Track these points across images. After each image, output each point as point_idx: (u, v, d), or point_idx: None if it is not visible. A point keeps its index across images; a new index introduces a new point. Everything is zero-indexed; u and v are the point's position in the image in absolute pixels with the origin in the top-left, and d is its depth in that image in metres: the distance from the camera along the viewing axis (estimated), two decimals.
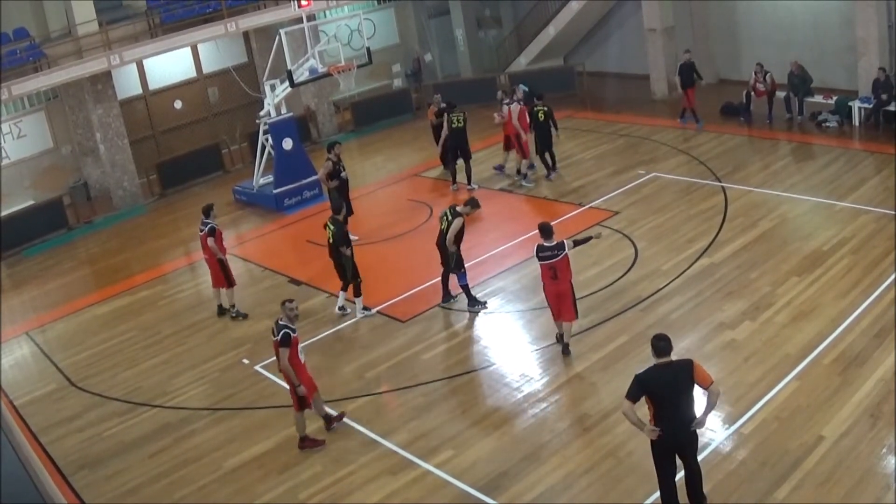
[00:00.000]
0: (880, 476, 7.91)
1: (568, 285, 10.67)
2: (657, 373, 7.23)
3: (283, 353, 9.30)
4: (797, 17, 20.33)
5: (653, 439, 7.34)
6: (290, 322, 9.45)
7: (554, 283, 10.63)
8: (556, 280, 10.59)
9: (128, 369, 12.51)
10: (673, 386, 7.21)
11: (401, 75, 27.08)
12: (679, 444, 7.36)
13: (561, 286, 10.62)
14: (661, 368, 7.23)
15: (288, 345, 9.29)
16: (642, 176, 16.67)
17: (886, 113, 17.18)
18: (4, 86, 17.53)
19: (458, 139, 17.54)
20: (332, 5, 22.81)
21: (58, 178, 20.73)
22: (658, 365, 7.24)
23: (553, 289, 10.69)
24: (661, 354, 7.24)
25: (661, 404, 7.24)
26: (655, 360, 7.27)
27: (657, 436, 7.25)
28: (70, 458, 10.38)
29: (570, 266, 10.64)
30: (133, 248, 17.79)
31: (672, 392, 7.21)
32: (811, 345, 10.17)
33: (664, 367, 7.23)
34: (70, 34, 19.62)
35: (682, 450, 7.41)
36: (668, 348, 7.25)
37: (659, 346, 7.25)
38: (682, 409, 7.25)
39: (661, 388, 7.22)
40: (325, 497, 8.98)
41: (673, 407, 7.23)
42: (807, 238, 13.06)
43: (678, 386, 7.21)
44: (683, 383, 7.21)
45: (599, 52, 25.42)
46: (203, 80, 23.09)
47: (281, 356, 9.33)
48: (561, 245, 10.54)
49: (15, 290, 16.53)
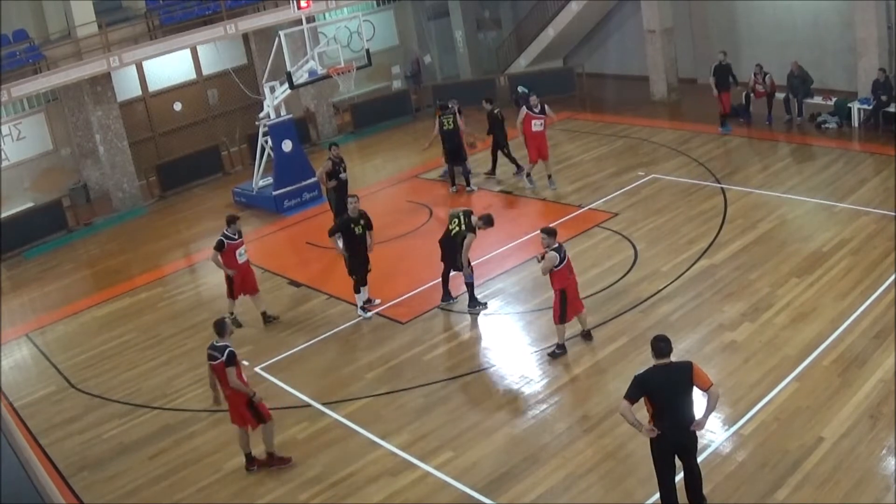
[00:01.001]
0: (880, 477, 7.91)
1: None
2: (657, 374, 7.23)
3: (231, 372, 9.12)
4: (797, 17, 20.34)
5: (652, 440, 7.35)
6: (226, 341, 9.25)
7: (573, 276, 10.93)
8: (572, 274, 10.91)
9: (128, 371, 12.51)
10: (672, 387, 7.22)
11: (400, 77, 27.09)
12: (678, 445, 7.37)
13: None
14: (661, 369, 7.23)
15: (234, 363, 9.12)
16: (642, 177, 16.68)
17: (886, 114, 17.18)
18: (4, 87, 17.52)
19: (450, 141, 17.38)
20: (332, 7, 22.82)
21: (57, 180, 20.73)
22: (658, 366, 7.25)
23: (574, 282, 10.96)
24: (661, 356, 7.25)
25: (660, 405, 7.25)
26: (655, 361, 7.28)
27: (655, 435, 7.25)
28: (70, 460, 10.38)
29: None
30: (133, 249, 17.78)
31: (671, 393, 7.22)
32: (811, 346, 10.17)
33: (664, 368, 7.24)
34: (69, 36, 19.61)
35: (681, 451, 7.42)
36: (667, 349, 7.26)
37: (659, 347, 7.26)
38: (681, 411, 7.26)
39: (661, 389, 7.22)
40: (325, 498, 8.98)
41: (672, 408, 7.24)
42: (806, 239, 13.06)
43: (677, 387, 7.22)
44: (682, 385, 7.22)
45: (599, 53, 25.44)
46: (202, 81, 23.10)
47: (229, 375, 9.12)
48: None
49: (15, 291, 16.52)
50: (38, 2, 20.16)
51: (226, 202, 19.68)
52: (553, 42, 24.36)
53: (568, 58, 25.97)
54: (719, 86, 18.56)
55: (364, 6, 25.12)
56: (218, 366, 9.20)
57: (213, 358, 9.23)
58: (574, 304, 10.88)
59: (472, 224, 12.24)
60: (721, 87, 18.56)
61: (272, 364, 11.92)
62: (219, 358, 9.16)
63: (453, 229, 12.32)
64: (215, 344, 9.26)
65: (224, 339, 9.27)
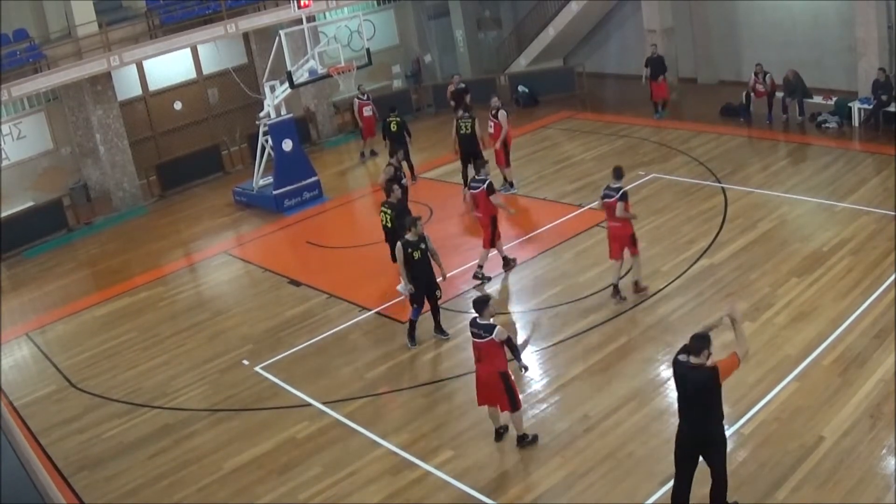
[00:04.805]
0: (880, 477, 7.91)
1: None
2: (680, 367, 7.31)
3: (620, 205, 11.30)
4: (797, 17, 20.34)
5: (676, 437, 7.47)
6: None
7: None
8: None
9: (128, 370, 12.51)
10: (690, 387, 7.25)
11: (401, 76, 27.08)
12: (695, 444, 7.42)
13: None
14: (684, 365, 7.28)
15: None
16: (642, 177, 16.67)
17: (886, 114, 17.17)
18: (4, 87, 17.52)
19: (468, 145, 16.98)
20: (332, 6, 22.81)
21: (58, 180, 20.73)
22: (689, 362, 7.25)
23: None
24: (685, 351, 7.29)
25: (682, 398, 7.36)
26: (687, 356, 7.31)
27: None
28: (70, 460, 10.38)
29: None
30: (133, 249, 17.78)
31: (688, 393, 7.28)
32: (811, 346, 10.17)
33: (686, 365, 7.27)
34: (70, 35, 19.61)
35: (701, 451, 7.44)
36: (695, 347, 7.21)
37: (689, 344, 7.29)
38: (695, 412, 7.29)
39: (681, 382, 7.33)
40: (325, 498, 8.98)
41: (689, 407, 7.32)
42: (807, 239, 13.06)
43: (698, 390, 7.21)
44: (699, 390, 7.19)
45: (599, 52, 25.43)
46: (203, 81, 23.09)
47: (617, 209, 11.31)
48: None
49: (15, 291, 16.52)
50: (38, 1, 20.14)
51: (226, 201, 19.68)
52: (553, 42, 24.35)
53: (568, 57, 25.96)
54: (653, 76, 20.44)
55: (364, 6, 25.11)
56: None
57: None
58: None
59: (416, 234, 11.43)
60: (654, 77, 20.42)
61: (272, 364, 11.92)
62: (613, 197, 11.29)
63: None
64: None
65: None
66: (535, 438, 9.26)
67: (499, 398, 9.01)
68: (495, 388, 8.96)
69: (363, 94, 21.04)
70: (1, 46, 18.31)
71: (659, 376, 10.13)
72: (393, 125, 18.58)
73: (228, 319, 13.61)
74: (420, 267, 11.37)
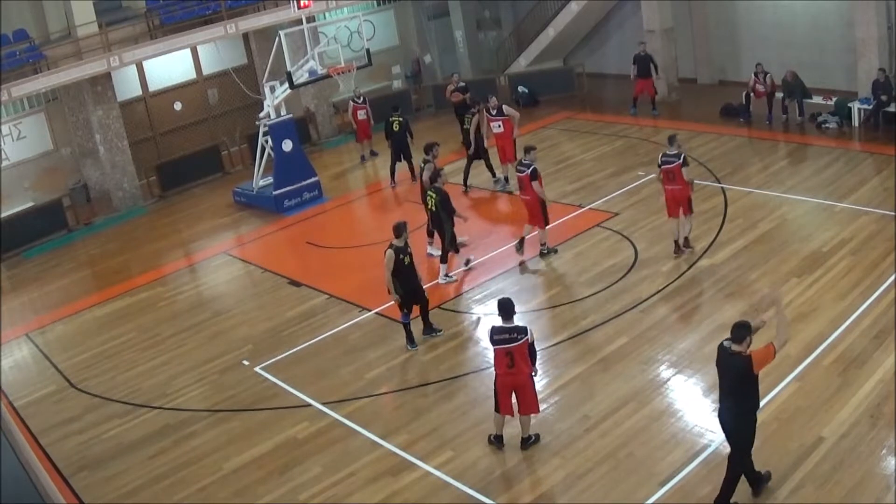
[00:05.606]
0: (880, 477, 7.92)
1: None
2: (722, 352, 7.51)
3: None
4: (797, 17, 20.34)
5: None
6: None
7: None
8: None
9: (128, 371, 12.51)
10: (725, 370, 7.50)
11: (400, 77, 27.07)
12: (724, 430, 7.68)
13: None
14: (725, 350, 7.47)
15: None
16: (642, 177, 16.67)
17: (886, 114, 17.18)
18: (4, 87, 17.50)
19: (468, 141, 17.37)
20: (332, 7, 22.81)
21: (57, 180, 20.72)
22: (731, 349, 7.42)
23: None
24: (733, 340, 7.41)
25: (721, 383, 7.61)
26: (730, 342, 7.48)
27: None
28: (70, 460, 10.38)
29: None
30: (133, 249, 17.78)
31: (725, 378, 7.51)
32: (811, 346, 10.18)
33: (727, 350, 7.45)
34: (70, 36, 19.59)
35: (728, 439, 7.70)
36: (739, 335, 7.35)
37: (732, 331, 7.43)
38: (730, 400, 7.51)
39: (720, 366, 7.56)
40: (325, 498, 8.98)
41: (724, 393, 7.57)
42: (806, 239, 13.06)
43: (730, 376, 7.44)
44: (731, 375, 7.42)
45: (599, 53, 25.43)
46: (203, 81, 23.09)
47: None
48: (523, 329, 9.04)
49: (15, 291, 16.52)
50: (38, 2, 20.14)
51: (226, 202, 19.68)
52: (553, 42, 24.35)
53: (568, 58, 25.96)
54: (639, 74, 20.81)
55: (364, 6, 25.11)
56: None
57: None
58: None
59: (392, 242, 11.35)
60: (641, 75, 20.80)
61: (272, 364, 11.92)
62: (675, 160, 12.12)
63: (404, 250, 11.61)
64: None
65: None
66: (538, 438, 9.26)
67: (530, 402, 8.99)
68: (529, 392, 8.94)
69: (358, 97, 21.05)
70: (1, 47, 18.32)
71: (659, 376, 10.13)
72: (395, 125, 18.51)
73: (228, 320, 13.61)
74: (408, 272, 11.37)
